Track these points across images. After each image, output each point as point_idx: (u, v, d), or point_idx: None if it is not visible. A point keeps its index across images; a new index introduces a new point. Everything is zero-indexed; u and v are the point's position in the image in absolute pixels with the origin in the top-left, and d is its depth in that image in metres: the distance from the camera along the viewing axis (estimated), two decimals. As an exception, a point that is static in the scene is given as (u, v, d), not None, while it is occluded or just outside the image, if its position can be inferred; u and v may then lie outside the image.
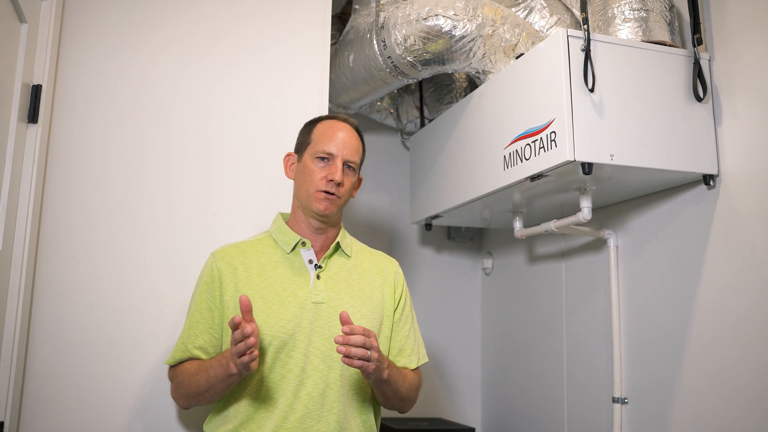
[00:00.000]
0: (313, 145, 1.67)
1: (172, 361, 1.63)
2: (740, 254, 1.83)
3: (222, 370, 1.48)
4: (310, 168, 1.65)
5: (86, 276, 1.81)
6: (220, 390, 1.53)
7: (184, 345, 1.61)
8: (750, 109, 1.85)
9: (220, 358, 1.51)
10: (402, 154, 3.17)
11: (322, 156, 1.65)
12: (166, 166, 1.93)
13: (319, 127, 1.70)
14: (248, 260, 1.64)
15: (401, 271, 1.80)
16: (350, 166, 1.67)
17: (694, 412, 1.93)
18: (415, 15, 2.20)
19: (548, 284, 2.64)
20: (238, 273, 1.61)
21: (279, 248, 1.67)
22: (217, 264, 1.62)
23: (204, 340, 1.60)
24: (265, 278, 1.61)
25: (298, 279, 1.62)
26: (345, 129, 1.69)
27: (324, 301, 1.61)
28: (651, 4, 1.99)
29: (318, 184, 1.63)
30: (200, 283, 1.64)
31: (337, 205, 1.65)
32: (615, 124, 1.85)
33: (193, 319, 1.61)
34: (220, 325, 1.60)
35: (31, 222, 1.67)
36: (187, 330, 1.62)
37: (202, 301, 1.62)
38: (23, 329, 1.67)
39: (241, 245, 1.68)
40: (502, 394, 2.92)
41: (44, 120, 1.74)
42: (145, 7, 1.98)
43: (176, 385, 1.62)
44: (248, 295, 1.55)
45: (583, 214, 2.06)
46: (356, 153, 1.69)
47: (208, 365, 1.53)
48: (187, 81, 1.99)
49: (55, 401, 1.73)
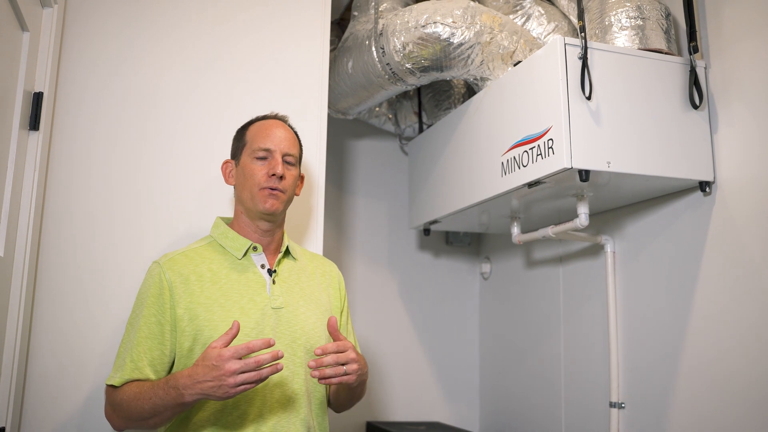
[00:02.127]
0: (249, 145, 1.65)
1: (120, 382, 1.48)
2: (736, 260, 1.84)
3: (171, 397, 1.37)
4: (249, 168, 1.62)
5: (87, 282, 1.81)
6: (167, 417, 1.43)
7: (133, 363, 1.48)
8: (746, 117, 1.86)
9: (170, 383, 1.38)
10: (400, 159, 3.18)
11: (260, 155, 1.62)
12: (168, 173, 1.94)
13: (251, 128, 1.69)
14: (198, 268, 1.57)
15: (342, 275, 1.82)
16: (289, 159, 1.65)
17: (691, 416, 1.94)
18: (413, 22, 2.21)
19: (546, 289, 2.65)
20: (190, 283, 1.53)
21: (228, 254, 1.62)
22: (166, 275, 1.53)
23: (153, 356, 1.49)
24: (219, 286, 1.55)
25: (254, 285, 1.58)
26: (278, 125, 1.68)
27: (283, 306, 1.58)
28: (648, 13, 2.01)
29: (260, 182, 1.60)
30: (147, 295, 1.53)
31: (282, 200, 1.62)
32: (612, 131, 1.86)
33: (140, 334, 1.50)
34: (171, 340, 1.51)
35: (32, 228, 1.67)
36: (135, 347, 1.49)
37: (150, 315, 1.51)
38: (24, 335, 1.67)
39: (188, 252, 1.61)
40: (500, 398, 2.93)
41: (45, 127, 1.75)
42: (147, 17, 1.99)
43: (113, 406, 1.50)
44: (204, 305, 1.52)
45: (580, 220, 2.07)
46: (293, 146, 1.67)
47: (152, 390, 1.41)
48: (188, 89, 2.00)
49: (56, 407, 1.73)
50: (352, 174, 3.13)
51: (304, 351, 1.58)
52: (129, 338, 1.52)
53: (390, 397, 2.98)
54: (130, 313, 1.58)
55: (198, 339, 1.50)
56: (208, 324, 1.50)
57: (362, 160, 3.15)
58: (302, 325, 1.59)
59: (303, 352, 1.58)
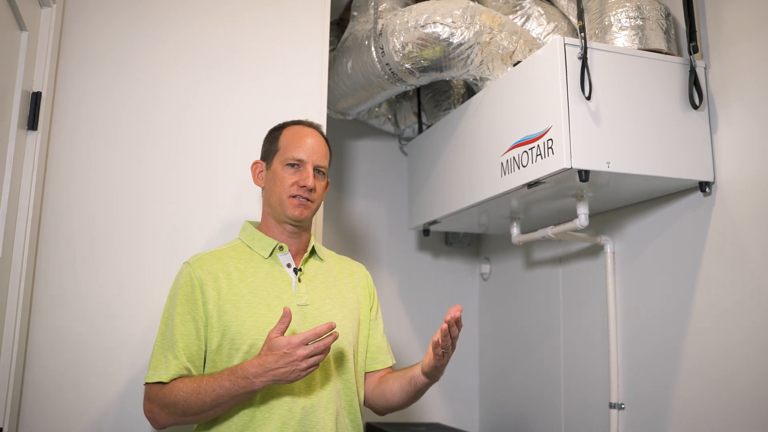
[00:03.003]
0: (282, 152, 1.66)
1: (168, 378, 1.50)
2: (736, 260, 1.84)
3: (240, 386, 1.42)
4: (280, 175, 1.64)
5: (85, 282, 1.81)
6: (230, 406, 1.48)
7: (177, 360, 1.51)
8: (745, 117, 1.86)
9: (238, 373, 1.43)
10: (400, 159, 3.17)
11: (292, 162, 1.64)
12: (167, 173, 1.94)
13: (286, 134, 1.69)
14: (226, 267, 1.60)
15: (369, 274, 1.84)
16: (320, 170, 1.67)
17: (690, 417, 1.94)
18: (413, 22, 2.21)
19: (545, 290, 2.65)
20: (219, 280, 1.57)
21: (255, 254, 1.65)
22: (196, 273, 1.57)
23: (192, 352, 1.53)
24: (247, 283, 1.59)
25: (280, 282, 1.61)
26: (313, 134, 1.69)
27: (308, 303, 1.61)
28: (647, 13, 2.01)
29: (290, 190, 1.62)
30: (178, 294, 1.57)
31: (311, 209, 1.65)
32: (611, 131, 1.86)
33: (178, 331, 1.53)
34: (205, 336, 1.55)
35: (30, 228, 1.67)
36: (175, 343, 1.52)
37: (185, 312, 1.55)
38: (22, 335, 1.67)
39: (216, 253, 1.65)
40: (499, 399, 2.93)
41: (44, 127, 1.75)
42: (146, 17, 1.99)
43: (164, 404, 1.50)
44: (232, 301, 1.55)
45: (580, 220, 2.07)
46: (325, 158, 1.69)
47: (215, 382, 1.45)
48: (188, 90, 1.99)
49: (54, 407, 1.73)
50: (352, 174, 3.13)
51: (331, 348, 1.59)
52: (166, 336, 1.55)
53: (389, 398, 2.97)
54: (162, 313, 1.60)
55: (226, 335, 1.53)
56: (236, 320, 1.53)
57: (362, 161, 3.15)
58: (329, 320, 1.59)
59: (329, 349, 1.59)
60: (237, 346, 1.52)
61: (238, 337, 1.52)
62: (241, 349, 1.52)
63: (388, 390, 1.68)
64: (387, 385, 1.69)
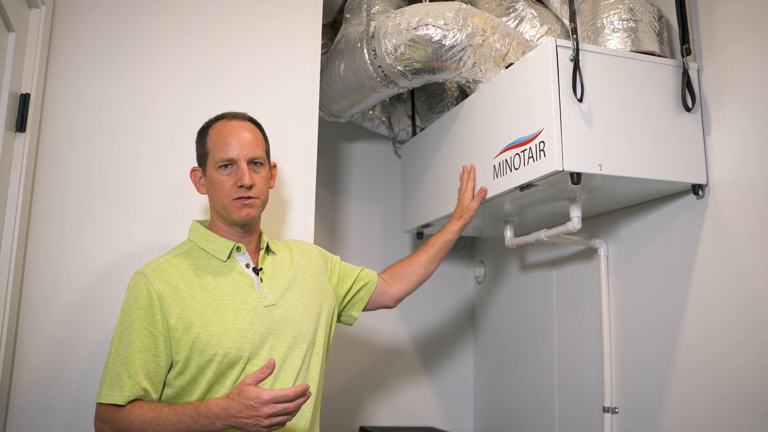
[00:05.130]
0: (212, 155, 1.59)
1: (123, 400, 1.41)
2: (729, 263, 1.83)
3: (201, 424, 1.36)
4: (217, 179, 1.58)
5: (74, 286, 1.80)
6: None
7: (132, 379, 1.42)
8: (738, 119, 1.85)
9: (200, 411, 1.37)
10: (394, 162, 3.17)
11: (224, 164, 1.57)
12: (155, 176, 1.93)
13: (211, 134, 1.61)
14: (185, 275, 1.53)
15: (320, 247, 1.86)
16: (256, 162, 1.60)
17: (684, 421, 1.93)
18: (405, 24, 2.20)
19: (539, 293, 2.64)
20: (180, 291, 1.49)
21: (211, 257, 1.59)
22: (154, 285, 1.48)
23: (149, 369, 1.45)
24: (209, 291, 1.52)
25: (242, 285, 1.57)
26: (237, 127, 1.60)
27: (274, 303, 1.58)
28: (640, 15, 2.00)
29: (230, 193, 1.56)
30: (134, 308, 1.47)
31: (257, 206, 1.59)
32: (604, 133, 1.85)
33: (133, 347, 1.44)
34: (166, 352, 1.46)
35: (18, 230, 1.66)
36: (130, 361, 1.43)
37: (141, 327, 1.46)
38: (10, 337, 1.66)
39: (171, 260, 1.56)
40: (493, 402, 2.91)
41: (32, 129, 1.74)
42: (136, 18, 1.98)
43: (122, 429, 1.41)
44: (198, 311, 1.49)
45: (573, 223, 2.06)
46: (257, 146, 1.60)
47: (175, 415, 1.38)
48: (178, 90, 1.99)
49: (42, 411, 1.72)
50: (346, 177, 3.12)
51: (299, 344, 1.59)
52: (120, 353, 1.45)
53: (383, 402, 2.96)
54: (115, 327, 1.50)
55: (195, 346, 1.48)
56: (204, 331, 1.48)
57: (355, 164, 3.14)
58: (294, 317, 1.60)
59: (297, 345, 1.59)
60: (209, 357, 1.47)
61: (208, 348, 1.47)
62: (214, 360, 1.47)
63: (410, 270, 2.00)
64: (405, 269, 2.02)
